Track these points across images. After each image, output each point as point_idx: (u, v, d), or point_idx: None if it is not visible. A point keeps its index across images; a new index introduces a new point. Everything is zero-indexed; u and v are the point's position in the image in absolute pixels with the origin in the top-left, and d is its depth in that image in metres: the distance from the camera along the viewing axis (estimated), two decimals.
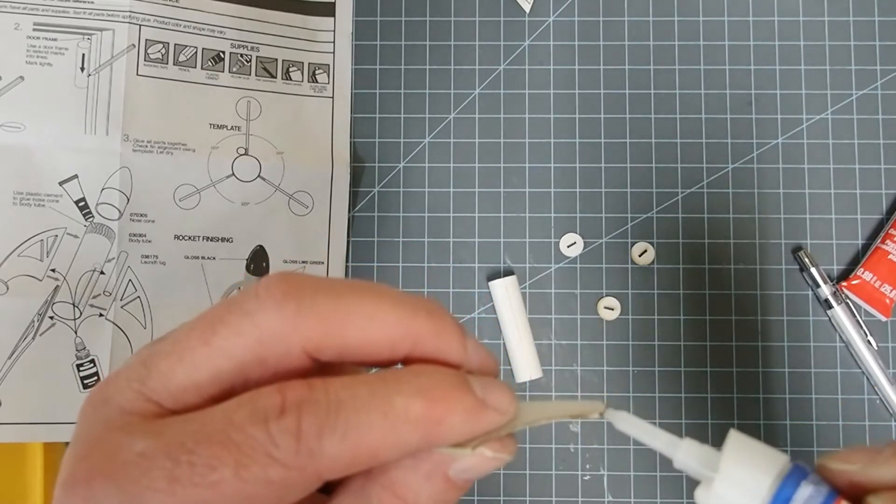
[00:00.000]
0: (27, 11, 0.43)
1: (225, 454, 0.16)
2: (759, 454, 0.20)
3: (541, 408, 0.20)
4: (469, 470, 0.18)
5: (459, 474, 0.18)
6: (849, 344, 0.44)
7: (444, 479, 0.18)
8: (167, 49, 0.44)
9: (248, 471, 0.16)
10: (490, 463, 0.18)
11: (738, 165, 0.46)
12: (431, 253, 0.46)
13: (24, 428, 0.41)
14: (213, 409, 0.17)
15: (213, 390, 0.18)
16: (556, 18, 0.47)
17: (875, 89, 0.46)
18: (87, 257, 0.42)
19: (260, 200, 0.45)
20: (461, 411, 0.17)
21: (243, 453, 0.16)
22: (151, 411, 0.17)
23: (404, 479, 0.18)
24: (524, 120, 0.47)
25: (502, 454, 0.18)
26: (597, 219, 0.46)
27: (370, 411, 0.16)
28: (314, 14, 0.47)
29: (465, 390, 0.17)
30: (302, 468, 0.16)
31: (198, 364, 0.17)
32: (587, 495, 0.44)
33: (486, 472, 0.18)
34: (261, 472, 0.16)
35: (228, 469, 0.16)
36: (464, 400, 0.17)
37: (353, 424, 0.16)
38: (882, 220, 0.46)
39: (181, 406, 0.17)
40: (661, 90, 0.47)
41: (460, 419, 0.17)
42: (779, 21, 0.47)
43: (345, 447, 0.16)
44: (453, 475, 0.18)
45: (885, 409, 0.44)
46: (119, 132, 0.43)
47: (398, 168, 0.47)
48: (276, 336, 0.17)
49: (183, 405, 0.17)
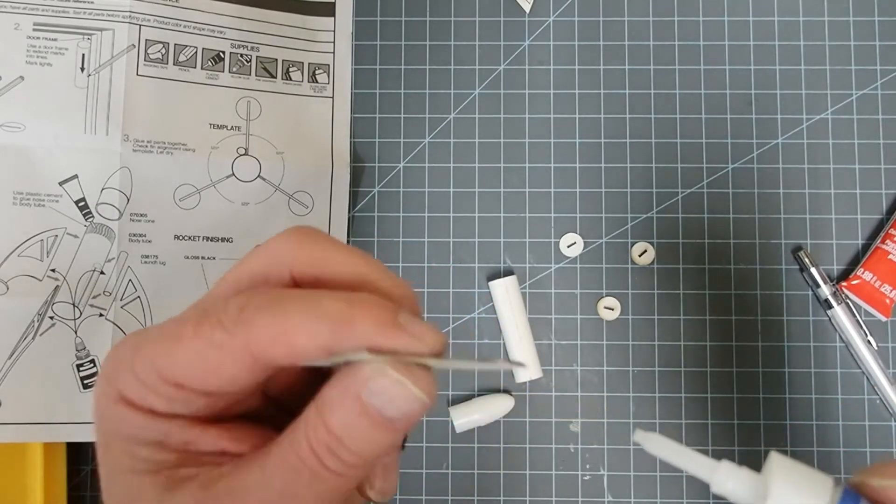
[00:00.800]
0: (27, 11, 0.43)
1: (194, 314, 0.20)
2: (807, 478, 0.20)
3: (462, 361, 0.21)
4: (381, 394, 0.19)
5: (371, 397, 0.19)
6: (849, 344, 0.44)
7: (356, 399, 0.19)
8: (167, 49, 0.44)
9: (201, 327, 0.20)
10: (400, 392, 0.19)
11: (738, 165, 0.46)
12: (431, 253, 0.46)
13: (24, 428, 0.41)
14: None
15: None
16: (556, 18, 0.47)
17: (875, 89, 0.46)
18: (87, 257, 0.42)
19: (260, 200, 0.45)
20: (374, 320, 0.19)
21: (205, 315, 0.20)
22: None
23: (329, 396, 0.20)
24: (524, 120, 0.47)
25: (409, 382, 0.19)
26: (597, 219, 0.46)
27: (299, 304, 0.20)
28: (314, 14, 0.47)
29: (385, 308, 0.20)
30: (236, 335, 0.19)
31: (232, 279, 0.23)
32: (587, 495, 0.44)
33: (402, 409, 0.19)
34: (209, 331, 0.20)
35: (190, 325, 0.20)
36: (381, 314, 0.20)
37: (283, 310, 0.20)
38: (882, 220, 0.46)
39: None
40: (661, 90, 0.47)
41: (371, 327, 0.19)
42: (779, 21, 0.47)
43: (271, 324, 0.19)
44: (366, 397, 0.19)
45: (885, 409, 0.44)
46: (119, 132, 0.43)
47: (398, 168, 0.47)
48: (280, 257, 0.22)
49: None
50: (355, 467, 0.20)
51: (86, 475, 0.45)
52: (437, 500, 0.45)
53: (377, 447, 0.20)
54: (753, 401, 0.45)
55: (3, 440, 0.41)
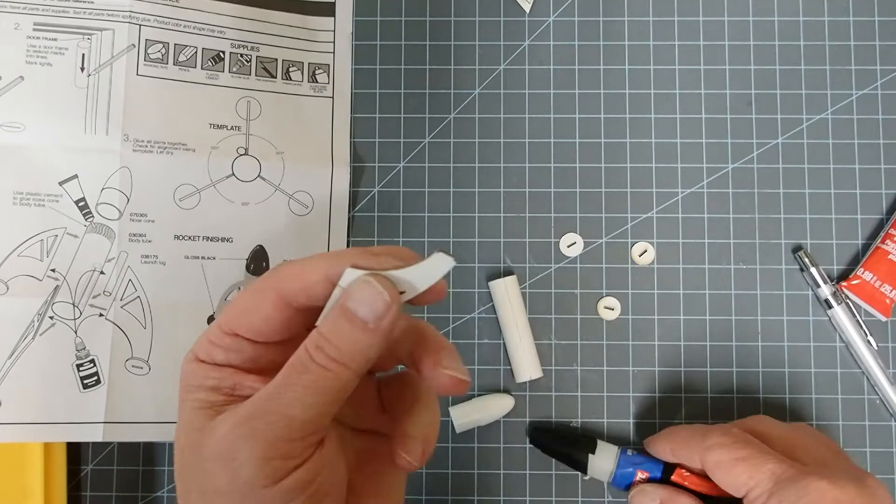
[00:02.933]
0: (27, 11, 0.43)
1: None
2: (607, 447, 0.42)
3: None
4: (357, 298, 0.26)
5: (350, 302, 0.26)
6: (849, 344, 0.44)
7: (342, 308, 0.26)
8: (167, 49, 0.44)
9: (248, 286, 0.26)
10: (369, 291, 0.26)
11: (738, 165, 0.46)
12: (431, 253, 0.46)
13: (24, 428, 0.41)
14: None
15: None
16: (556, 18, 0.47)
17: (875, 89, 0.46)
18: (87, 257, 0.42)
19: (260, 200, 0.45)
20: (356, 252, 0.27)
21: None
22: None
23: (324, 313, 0.27)
24: (524, 120, 0.47)
25: (374, 281, 0.26)
26: (597, 219, 0.46)
27: (310, 257, 0.28)
28: (314, 14, 0.47)
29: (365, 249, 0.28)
30: (268, 280, 0.28)
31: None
32: (587, 495, 0.44)
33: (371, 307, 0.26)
34: (252, 285, 0.28)
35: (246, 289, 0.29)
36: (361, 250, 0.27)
37: (300, 261, 0.27)
38: (882, 220, 0.46)
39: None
40: (660, 90, 0.47)
41: (354, 254, 0.27)
42: (779, 21, 0.47)
43: (290, 267, 0.27)
44: (346, 303, 0.26)
45: (885, 409, 0.44)
46: (119, 132, 0.43)
47: (398, 168, 0.47)
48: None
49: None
50: (336, 362, 0.26)
51: (86, 475, 0.45)
52: (437, 500, 0.45)
53: (354, 344, 0.26)
54: (753, 401, 0.45)
55: (3, 440, 0.41)
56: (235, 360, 0.28)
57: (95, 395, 0.42)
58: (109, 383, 0.42)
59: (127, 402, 0.42)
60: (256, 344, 0.28)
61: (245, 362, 0.28)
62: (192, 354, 0.29)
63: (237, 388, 0.28)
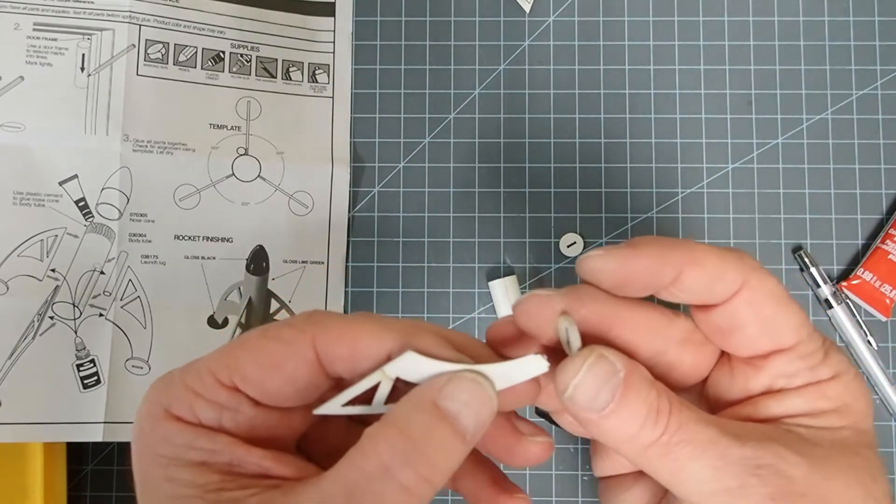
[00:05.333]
0: (27, 11, 0.43)
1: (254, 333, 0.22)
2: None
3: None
4: (456, 398, 0.20)
5: (447, 401, 0.20)
6: (849, 344, 0.44)
7: (433, 406, 0.20)
8: (167, 49, 0.44)
9: (268, 331, 0.21)
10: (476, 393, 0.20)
11: (738, 165, 0.46)
12: (431, 253, 0.46)
13: (24, 428, 0.41)
14: None
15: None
16: (556, 18, 0.47)
17: (875, 89, 0.46)
18: (87, 257, 0.42)
19: (260, 200, 0.45)
20: (433, 334, 0.21)
21: (270, 326, 0.21)
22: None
23: (401, 410, 0.20)
24: (524, 120, 0.47)
25: (483, 381, 0.20)
26: (597, 219, 0.46)
27: (365, 316, 0.22)
28: (314, 14, 0.47)
29: (438, 331, 0.22)
30: (305, 331, 0.21)
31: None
32: (587, 495, 0.44)
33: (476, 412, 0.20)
34: (276, 331, 0.21)
35: (255, 332, 0.21)
36: (436, 333, 0.21)
37: (350, 318, 0.21)
38: (882, 220, 0.46)
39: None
40: (660, 90, 0.47)
41: (431, 339, 0.21)
42: (779, 21, 0.47)
43: (339, 324, 0.21)
44: (442, 402, 0.20)
45: (885, 409, 0.44)
46: (119, 132, 0.43)
47: (398, 168, 0.47)
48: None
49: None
50: (428, 483, 0.19)
51: (86, 475, 0.45)
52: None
53: (451, 460, 0.19)
54: None
55: (3, 440, 0.41)
56: (229, 423, 0.20)
57: (95, 395, 0.42)
58: (109, 383, 0.42)
59: (127, 402, 0.42)
60: (258, 406, 0.21)
61: (240, 428, 0.21)
62: (159, 408, 0.20)
63: (235, 464, 0.20)
